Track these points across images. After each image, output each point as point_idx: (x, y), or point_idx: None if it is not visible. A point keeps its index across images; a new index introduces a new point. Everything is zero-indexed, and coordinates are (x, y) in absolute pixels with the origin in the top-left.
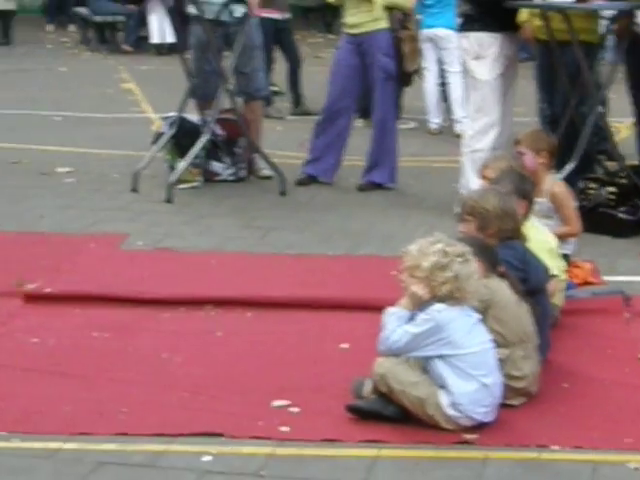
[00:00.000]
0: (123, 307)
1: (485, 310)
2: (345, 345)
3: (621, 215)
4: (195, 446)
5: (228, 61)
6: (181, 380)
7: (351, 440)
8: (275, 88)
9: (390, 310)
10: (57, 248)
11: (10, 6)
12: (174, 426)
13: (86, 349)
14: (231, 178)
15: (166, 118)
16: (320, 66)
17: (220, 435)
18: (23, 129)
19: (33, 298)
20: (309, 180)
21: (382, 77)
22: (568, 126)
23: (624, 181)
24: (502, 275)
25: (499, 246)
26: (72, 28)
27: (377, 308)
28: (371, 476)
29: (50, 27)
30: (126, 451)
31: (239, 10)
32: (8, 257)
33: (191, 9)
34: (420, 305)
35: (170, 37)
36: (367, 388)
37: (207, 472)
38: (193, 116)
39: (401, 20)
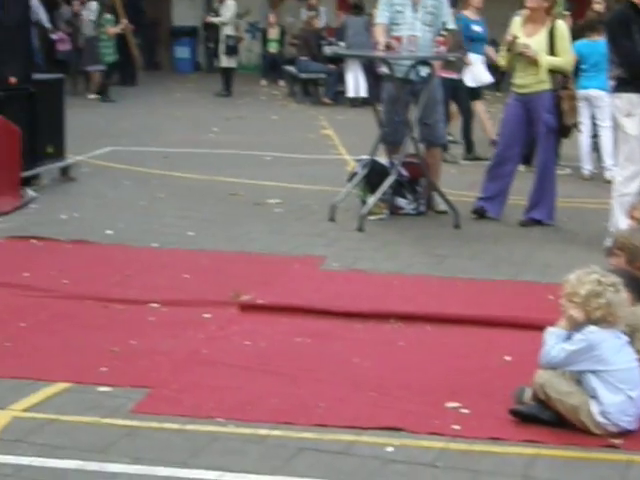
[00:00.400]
0: (322, 318)
1: (632, 333)
2: (508, 357)
3: None
4: (380, 438)
5: (414, 113)
6: (369, 381)
7: (513, 439)
8: (451, 137)
9: (550, 329)
10: (267, 266)
11: (232, 64)
12: (363, 420)
13: (290, 352)
14: (413, 212)
15: (359, 160)
16: (489, 119)
17: (401, 429)
18: (240, 166)
19: (247, 308)
20: (482, 211)
21: (545, 130)
22: None
23: None
24: None
25: None
26: (282, 83)
27: (536, 327)
28: (530, 471)
29: (264, 82)
30: (323, 440)
31: (424, 71)
32: (227, 273)
33: (384, 69)
34: (576, 326)
35: (363, 92)
36: (527, 395)
37: (390, 461)
38: (382, 159)
39: (562, 81)
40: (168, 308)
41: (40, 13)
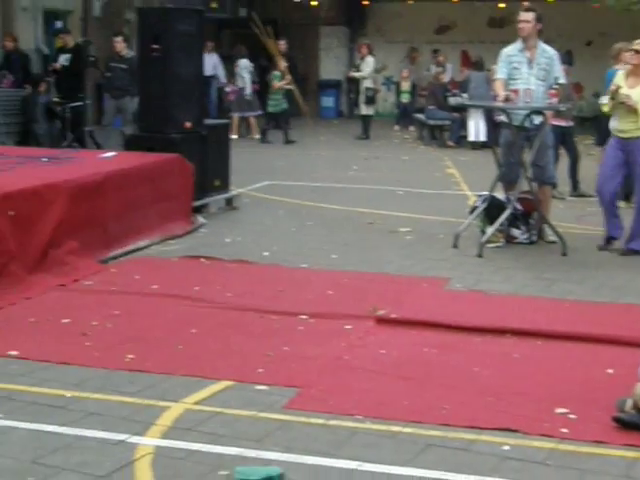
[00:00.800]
0: (447, 332)
1: None
2: (610, 370)
3: None
4: (497, 437)
5: (528, 156)
6: (488, 388)
7: (616, 443)
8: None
9: None
10: (399, 286)
11: (370, 112)
12: (482, 421)
13: (419, 360)
14: (526, 241)
15: (480, 195)
16: (592, 161)
17: (516, 431)
18: (376, 199)
19: (382, 321)
20: (608, 240)
21: None
22: None
23: None
24: None
25: None
26: (412, 128)
27: (636, 344)
28: (631, 472)
29: (396, 127)
30: (447, 437)
31: (538, 119)
32: (365, 291)
33: (502, 117)
34: None
35: (483, 136)
36: (628, 405)
37: (506, 458)
38: (500, 195)
39: None
40: (315, 320)
41: (219, 70)
